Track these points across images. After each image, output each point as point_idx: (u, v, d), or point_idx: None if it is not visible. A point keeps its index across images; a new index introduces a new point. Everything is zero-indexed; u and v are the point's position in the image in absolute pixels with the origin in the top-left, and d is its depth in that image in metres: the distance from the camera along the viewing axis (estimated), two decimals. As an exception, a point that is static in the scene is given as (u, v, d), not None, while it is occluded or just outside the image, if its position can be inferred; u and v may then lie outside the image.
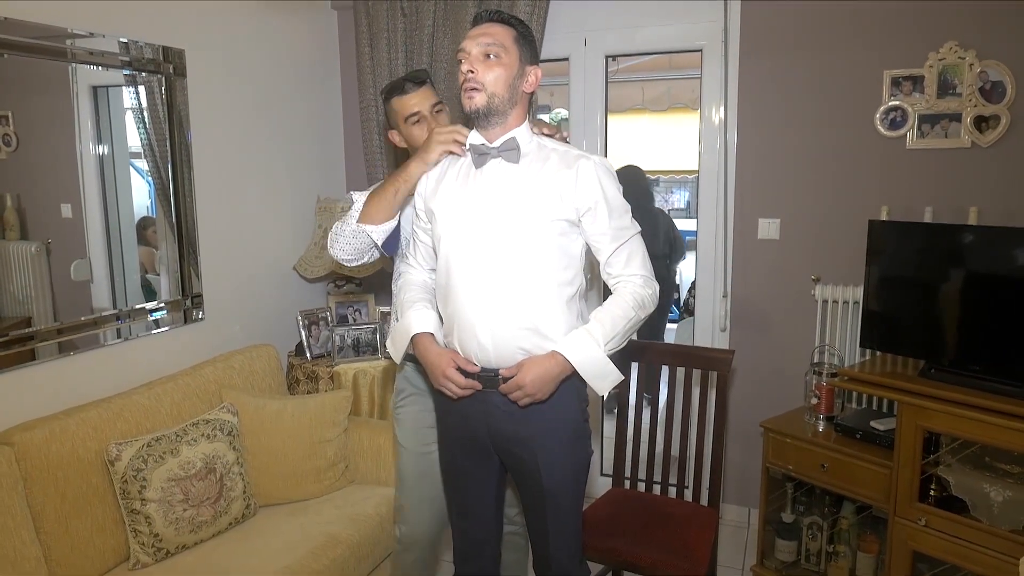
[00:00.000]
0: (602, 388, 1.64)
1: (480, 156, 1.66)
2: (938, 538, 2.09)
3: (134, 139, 2.39)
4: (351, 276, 3.18)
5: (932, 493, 2.14)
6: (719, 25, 2.79)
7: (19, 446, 1.87)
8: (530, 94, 1.67)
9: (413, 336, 1.73)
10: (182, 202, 2.54)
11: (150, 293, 2.50)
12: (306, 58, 3.19)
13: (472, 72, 1.57)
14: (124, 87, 2.34)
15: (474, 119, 1.63)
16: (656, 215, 4.32)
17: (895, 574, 2.20)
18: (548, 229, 1.61)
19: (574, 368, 1.60)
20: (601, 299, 3.13)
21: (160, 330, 2.49)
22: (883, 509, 2.25)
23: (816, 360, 2.59)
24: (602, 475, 3.38)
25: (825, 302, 2.74)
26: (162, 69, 2.43)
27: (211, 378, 2.46)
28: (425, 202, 1.76)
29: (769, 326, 2.90)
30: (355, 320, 3.12)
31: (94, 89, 2.24)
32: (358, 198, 1.86)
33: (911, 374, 2.24)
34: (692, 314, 3.22)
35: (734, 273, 2.92)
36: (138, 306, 2.42)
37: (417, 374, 2.01)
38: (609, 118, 3.16)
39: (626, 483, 2.44)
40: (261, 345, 2.75)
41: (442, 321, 1.75)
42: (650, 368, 2.42)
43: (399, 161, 2.12)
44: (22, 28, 1.99)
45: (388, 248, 1.92)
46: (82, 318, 2.23)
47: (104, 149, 2.29)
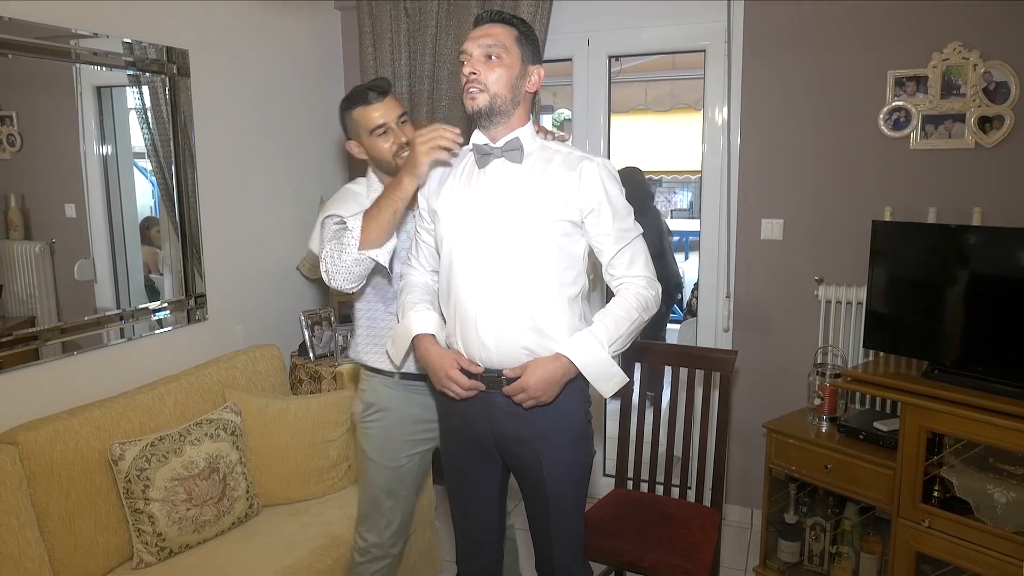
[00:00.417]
0: (607, 390, 1.63)
1: (483, 156, 1.65)
2: (941, 539, 2.09)
3: (138, 139, 2.40)
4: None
5: (935, 494, 2.14)
6: (722, 25, 2.79)
7: (23, 445, 1.87)
8: (533, 94, 1.67)
9: (414, 338, 1.73)
10: (185, 202, 2.55)
11: (153, 293, 2.50)
12: (309, 59, 3.19)
13: (474, 73, 1.57)
14: (128, 87, 2.35)
15: (477, 120, 1.63)
16: (655, 215, 4.41)
17: (898, 575, 2.20)
18: (551, 230, 1.60)
19: (578, 370, 1.59)
20: (604, 300, 3.13)
21: (163, 330, 2.50)
22: (886, 510, 2.25)
23: (819, 361, 2.59)
24: (605, 475, 3.38)
25: (828, 303, 2.74)
26: (166, 69, 2.43)
27: (214, 378, 2.46)
28: (428, 202, 1.76)
29: (772, 327, 2.89)
30: (358, 320, 3.12)
31: (98, 89, 2.24)
32: (353, 224, 1.73)
33: (914, 375, 2.24)
34: (695, 314, 3.22)
35: (737, 274, 2.92)
36: (141, 306, 2.42)
37: (386, 388, 1.96)
38: (612, 118, 3.16)
39: (629, 483, 2.44)
40: (264, 345, 2.76)
41: (444, 321, 1.75)
42: (652, 369, 2.41)
43: (354, 171, 2.08)
44: (26, 28, 2.00)
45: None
46: (86, 318, 2.23)
47: (108, 149, 2.29)
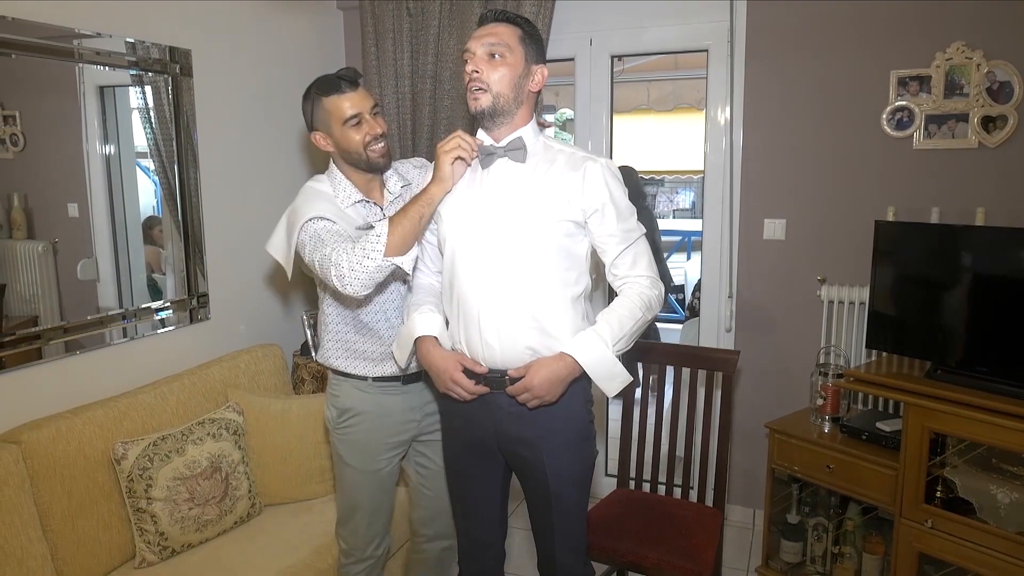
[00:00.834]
0: (611, 389, 1.63)
1: (486, 156, 1.65)
2: (944, 540, 2.08)
3: (140, 139, 2.40)
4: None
5: (938, 495, 2.13)
6: (725, 25, 2.79)
7: (26, 445, 1.88)
8: (536, 93, 1.67)
9: (416, 339, 1.73)
10: (188, 202, 2.55)
11: (156, 292, 2.51)
12: (312, 58, 3.19)
13: (477, 72, 1.57)
14: (131, 87, 2.35)
15: (480, 119, 1.63)
16: (648, 215, 4.50)
17: (901, 576, 2.19)
18: (554, 230, 1.60)
19: (583, 369, 1.59)
20: (606, 300, 3.12)
21: (166, 329, 2.50)
22: (889, 511, 2.24)
23: (822, 361, 2.58)
24: (607, 475, 3.38)
25: (831, 303, 2.73)
26: (168, 69, 2.44)
27: (217, 377, 2.46)
28: None
29: (774, 327, 2.89)
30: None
31: (101, 89, 2.24)
32: (380, 229, 1.64)
33: (917, 375, 2.23)
34: (697, 314, 3.22)
35: (739, 274, 2.91)
36: (144, 305, 2.43)
37: (361, 392, 1.90)
38: (614, 118, 3.16)
39: (631, 484, 2.43)
40: (266, 345, 2.76)
41: (447, 322, 1.75)
42: (652, 368, 2.41)
43: (319, 165, 2.03)
44: (30, 28, 2.00)
45: None
46: (88, 317, 2.23)
47: (111, 149, 2.29)
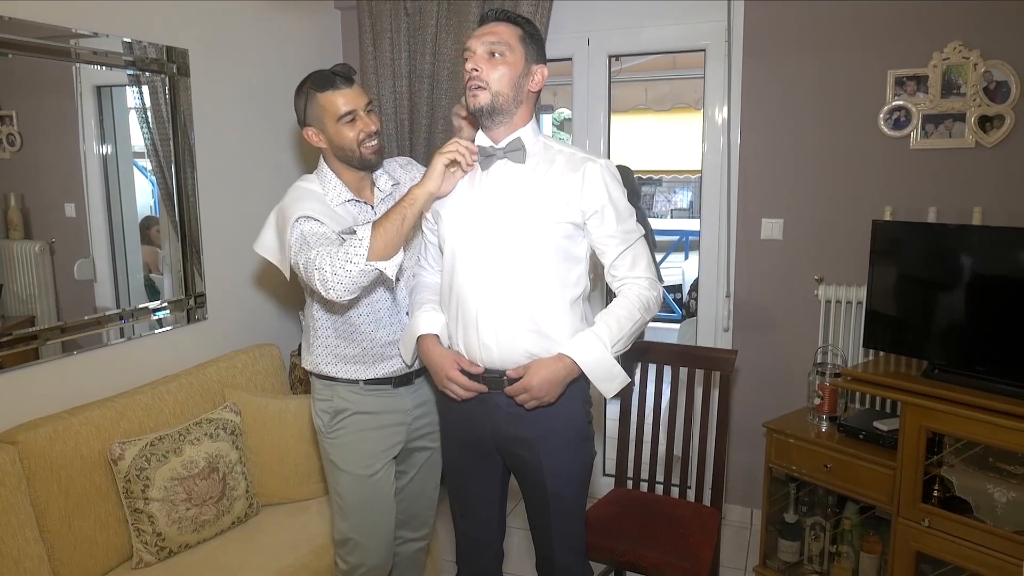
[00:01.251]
0: (609, 391, 1.63)
1: (486, 158, 1.65)
2: (941, 539, 2.09)
3: (138, 139, 2.40)
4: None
5: (935, 494, 2.14)
6: (722, 25, 2.79)
7: (23, 445, 1.87)
8: (536, 93, 1.67)
9: (418, 337, 1.74)
10: (185, 202, 2.54)
11: (153, 292, 2.50)
12: (310, 58, 3.19)
13: (477, 70, 1.57)
14: (128, 87, 2.34)
15: (479, 118, 1.63)
16: (641, 216, 4.50)
17: (898, 575, 2.19)
18: (553, 231, 1.60)
19: (581, 370, 1.59)
20: (604, 300, 3.12)
21: (163, 329, 2.49)
22: (886, 510, 2.24)
23: (819, 360, 2.58)
24: (605, 475, 3.38)
25: (828, 302, 2.74)
26: (166, 69, 2.43)
27: (214, 377, 2.46)
28: (432, 205, 1.76)
29: (772, 326, 2.89)
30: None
31: (98, 89, 2.24)
32: (363, 233, 1.62)
33: (914, 374, 2.23)
34: (693, 314, 3.22)
35: (737, 273, 2.91)
36: (141, 305, 2.42)
37: (354, 394, 1.88)
38: (612, 118, 3.16)
39: (629, 483, 2.44)
40: (264, 345, 2.76)
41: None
42: (649, 368, 2.41)
43: (315, 165, 1.91)
44: (27, 28, 2.00)
45: None
46: (85, 317, 2.23)
47: (108, 149, 2.29)
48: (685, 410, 2.33)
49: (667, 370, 2.38)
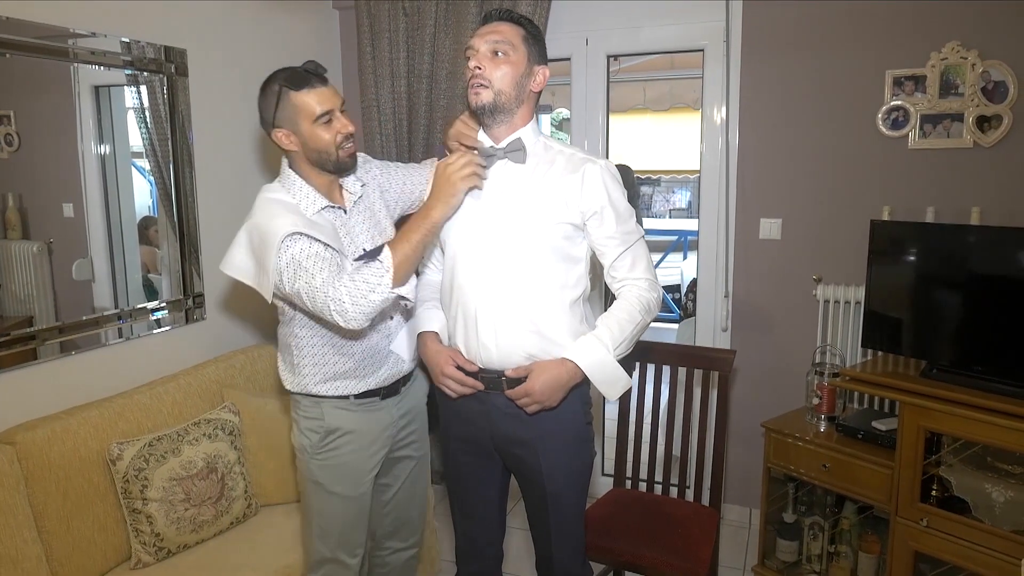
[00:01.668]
0: (612, 394, 1.64)
1: (487, 158, 1.65)
2: (940, 538, 2.09)
3: (136, 139, 2.39)
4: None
5: (934, 493, 2.14)
6: (721, 25, 2.79)
7: (21, 445, 1.87)
8: (537, 94, 1.67)
9: (419, 334, 1.76)
10: (184, 202, 2.54)
11: (152, 293, 2.50)
12: (308, 58, 3.17)
13: (479, 68, 1.57)
14: (126, 87, 2.34)
15: (480, 116, 1.63)
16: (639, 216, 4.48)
17: (896, 575, 2.20)
18: (553, 232, 1.60)
19: (584, 374, 1.59)
20: (602, 301, 3.12)
21: (162, 330, 2.49)
22: (885, 509, 2.25)
23: (818, 360, 2.59)
24: (603, 475, 3.38)
25: (827, 302, 2.74)
26: (164, 69, 2.43)
27: (212, 378, 2.46)
28: None
29: (771, 326, 2.90)
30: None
31: (96, 89, 2.24)
32: (385, 258, 1.56)
33: (913, 374, 2.24)
34: (691, 314, 3.22)
35: (735, 273, 2.92)
36: (140, 306, 2.42)
37: (345, 411, 1.78)
38: (611, 118, 3.16)
39: (627, 483, 2.44)
40: (262, 345, 2.75)
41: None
42: (648, 368, 2.41)
43: (275, 166, 1.77)
44: (24, 28, 1.99)
45: None
46: (84, 318, 2.23)
47: (106, 149, 2.29)
48: (684, 410, 2.33)
49: (666, 370, 2.38)
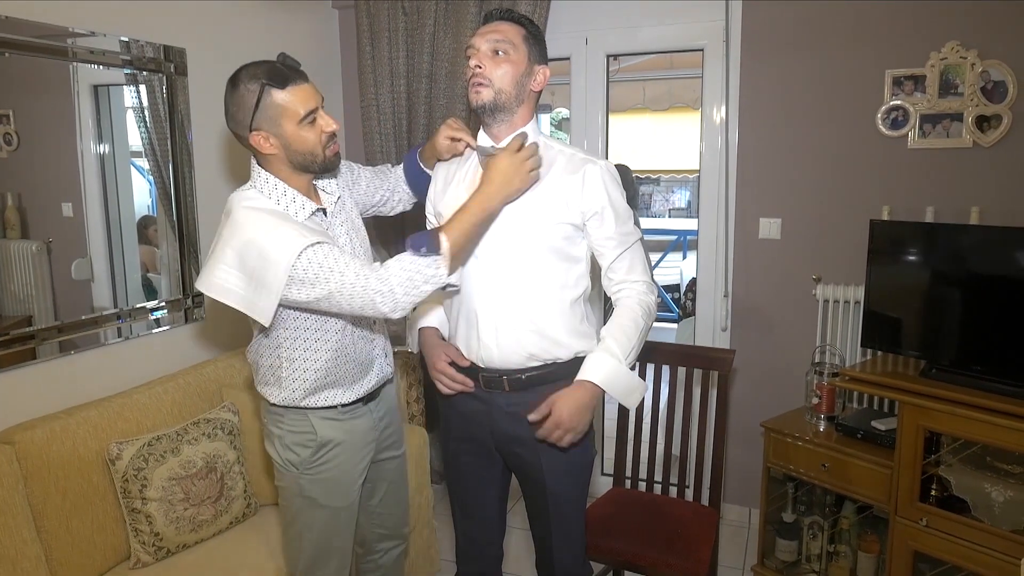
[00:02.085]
0: (631, 402, 1.65)
1: (487, 157, 1.65)
2: (939, 538, 2.09)
3: (135, 138, 2.39)
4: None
5: (933, 493, 2.14)
6: (720, 25, 2.79)
7: (20, 445, 1.87)
8: (538, 93, 1.67)
9: (419, 329, 1.78)
10: (183, 201, 2.54)
11: (151, 292, 2.50)
12: (307, 57, 3.16)
13: (480, 67, 1.57)
14: (125, 86, 2.34)
15: (480, 115, 1.63)
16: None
17: (896, 574, 2.20)
18: (553, 232, 1.60)
19: (603, 391, 1.59)
20: (602, 301, 3.13)
21: (161, 329, 2.49)
22: (884, 509, 2.25)
23: (817, 360, 2.59)
24: (603, 475, 3.38)
25: (826, 302, 2.74)
26: (163, 68, 2.43)
27: (212, 377, 2.46)
28: (433, 205, 1.76)
29: (770, 326, 2.90)
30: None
31: (95, 88, 2.23)
32: (445, 248, 1.49)
33: (912, 374, 2.24)
34: (690, 314, 3.22)
35: (735, 273, 2.92)
36: (139, 305, 2.42)
37: (334, 421, 1.72)
38: (610, 117, 3.16)
39: (627, 483, 2.44)
40: (262, 344, 2.75)
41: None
42: (648, 367, 2.41)
43: (244, 169, 1.65)
44: (23, 27, 1.99)
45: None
46: (83, 317, 2.22)
47: (105, 148, 2.28)
48: (683, 410, 2.33)
49: (665, 370, 2.38)
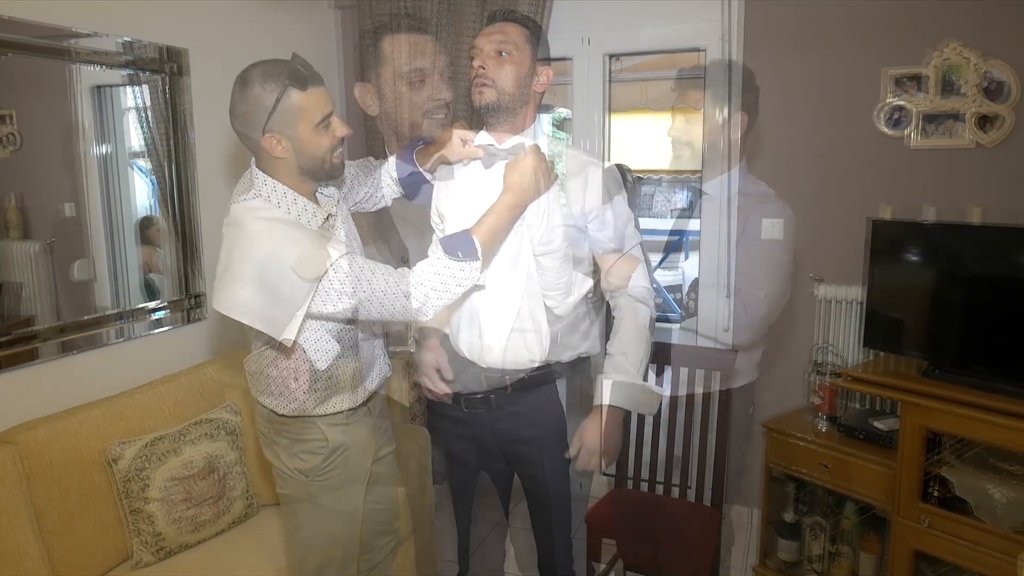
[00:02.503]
0: (651, 410, 1.71)
1: (490, 158, 1.65)
2: (940, 538, 2.09)
3: (136, 139, 2.39)
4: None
5: (934, 493, 2.14)
6: (721, 25, 2.79)
7: (22, 445, 1.87)
8: (540, 94, 1.67)
9: (421, 329, 1.78)
10: (184, 202, 2.54)
11: (152, 292, 2.50)
12: (308, 58, 3.16)
13: (484, 68, 1.58)
14: (126, 87, 2.34)
15: (483, 115, 1.63)
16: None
17: (897, 574, 2.19)
18: (555, 233, 1.60)
19: (625, 410, 1.62)
20: (602, 302, 3.12)
21: (162, 329, 2.49)
22: (885, 509, 2.25)
23: (818, 360, 2.58)
24: (604, 475, 3.37)
25: (827, 302, 2.73)
26: (164, 69, 2.43)
27: (213, 377, 2.46)
28: (436, 206, 1.76)
29: (771, 326, 2.89)
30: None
31: (96, 89, 2.23)
32: (479, 252, 1.49)
33: (914, 374, 2.23)
34: (693, 314, 3.21)
35: (737, 273, 2.91)
36: (140, 305, 2.42)
37: (340, 426, 1.69)
38: (611, 118, 3.15)
39: (629, 483, 2.43)
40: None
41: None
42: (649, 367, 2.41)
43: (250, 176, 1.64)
44: (24, 28, 1.99)
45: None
46: (84, 317, 2.22)
47: (106, 149, 2.28)
48: (685, 410, 2.33)
49: (667, 370, 2.38)
